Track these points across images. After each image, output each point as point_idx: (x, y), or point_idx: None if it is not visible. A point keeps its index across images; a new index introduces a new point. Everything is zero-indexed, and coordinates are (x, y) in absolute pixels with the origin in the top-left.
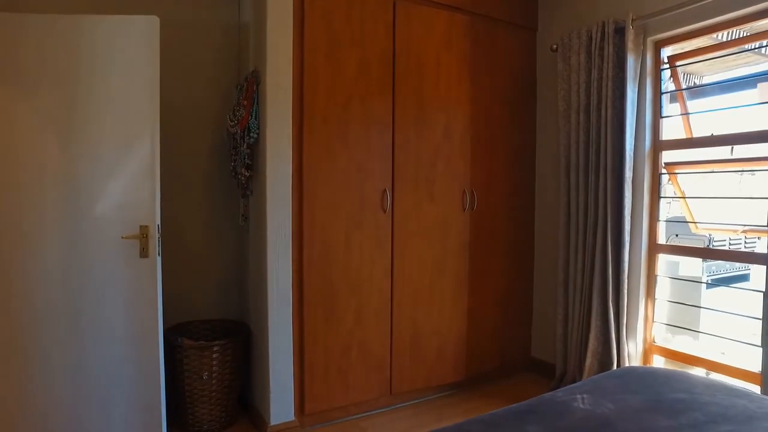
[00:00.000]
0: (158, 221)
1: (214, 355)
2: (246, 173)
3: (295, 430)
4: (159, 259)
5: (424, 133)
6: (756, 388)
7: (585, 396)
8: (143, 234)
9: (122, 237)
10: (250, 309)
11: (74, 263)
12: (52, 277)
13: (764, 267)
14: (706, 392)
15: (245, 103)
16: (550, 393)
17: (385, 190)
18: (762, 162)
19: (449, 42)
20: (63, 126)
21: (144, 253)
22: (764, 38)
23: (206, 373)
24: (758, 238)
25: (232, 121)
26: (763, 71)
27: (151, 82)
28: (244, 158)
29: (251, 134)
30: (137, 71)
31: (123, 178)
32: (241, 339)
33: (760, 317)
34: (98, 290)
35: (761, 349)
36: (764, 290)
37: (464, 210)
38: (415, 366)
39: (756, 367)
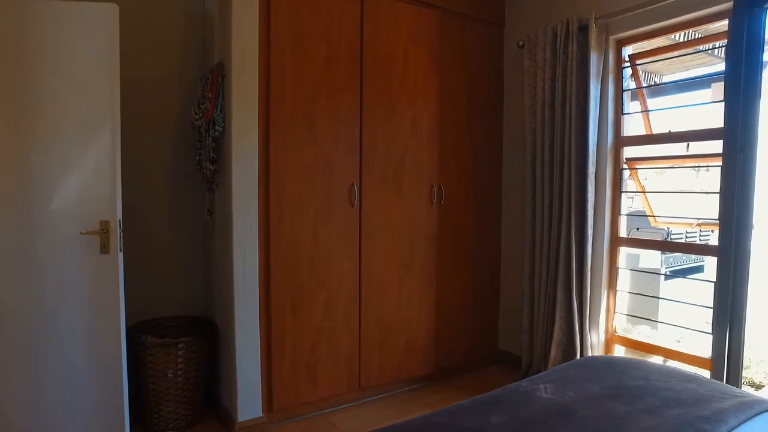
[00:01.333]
0: (119, 216)
1: (180, 353)
2: (211, 167)
3: (263, 426)
4: (121, 255)
5: (392, 128)
6: (707, 373)
7: (548, 385)
8: (104, 229)
9: (81, 233)
10: (216, 305)
11: (29, 260)
12: (4, 275)
13: (716, 258)
14: (660, 378)
15: (210, 95)
16: (514, 383)
17: (353, 184)
18: (714, 158)
19: (417, 37)
20: (12, 113)
21: (104, 249)
22: (716, 40)
23: (171, 371)
24: (712, 231)
25: (196, 114)
26: (715, 72)
27: (111, 72)
28: (210, 152)
29: (216, 127)
30: (95, 60)
31: (81, 171)
32: (208, 336)
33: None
34: (56, 288)
35: (712, 336)
36: (715, 280)
37: (432, 204)
38: (384, 360)
39: (707, 353)
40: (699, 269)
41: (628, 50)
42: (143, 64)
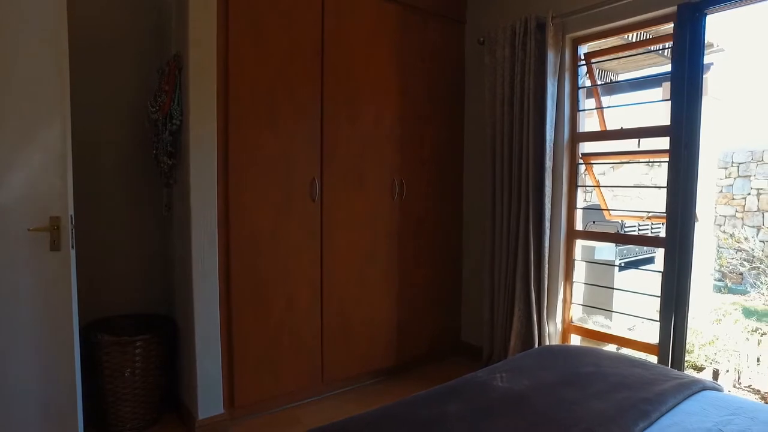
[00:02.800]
0: (71, 212)
1: (137, 351)
2: (169, 161)
3: (225, 423)
4: (73, 252)
5: (354, 122)
6: (655, 358)
7: (504, 374)
8: (54, 226)
9: (29, 229)
10: (175, 302)
11: None
12: None
13: (664, 250)
14: (611, 365)
15: (167, 88)
16: (472, 374)
17: (314, 178)
18: (663, 154)
19: (379, 32)
20: None
21: (55, 246)
22: (665, 41)
23: (129, 370)
24: (662, 223)
25: (153, 107)
26: (664, 72)
27: (59, 59)
28: (167, 146)
29: (174, 121)
30: (41, 47)
31: (28, 165)
32: (167, 333)
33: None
34: (1, 287)
35: (659, 323)
36: (662, 271)
37: (394, 198)
38: (347, 353)
39: (656, 340)
40: (651, 260)
41: (583, 49)
42: (97, 53)
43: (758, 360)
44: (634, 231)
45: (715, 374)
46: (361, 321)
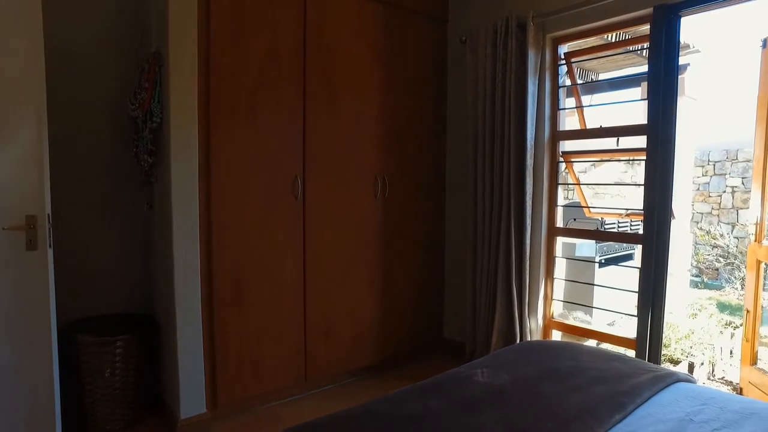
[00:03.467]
0: (48, 210)
1: (118, 351)
2: (149, 159)
3: (208, 422)
4: (50, 252)
5: (336, 120)
6: (632, 353)
7: (485, 370)
8: (30, 224)
9: (4, 228)
10: (157, 301)
11: None
12: None
13: (641, 246)
14: (589, 359)
15: (147, 85)
16: (453, 369)
17: (296, 176)
18: (641, 152)
19: (361, 30)
20: None
21: (32, 245)
22: (643, 42)
23: (109, 370)
24: (641, 220)
25: (132, 104)
26: (642, 72)
27: (34, 56)
28: (147, 144)
29: (154, 119)
30: (15, 44)
31: (2, 163)
32: (149, 332)
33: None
34: None
35: (637, 318)
36: (640, 267)
37: (376, 197)
38: (330, 351)
39: (634, 334)
40: (630, 257)
41: (563, 48)
42: (75, 50)
43: (731, 353)
44: (614, 228)
45: (691, 367)
46: (343, 319)
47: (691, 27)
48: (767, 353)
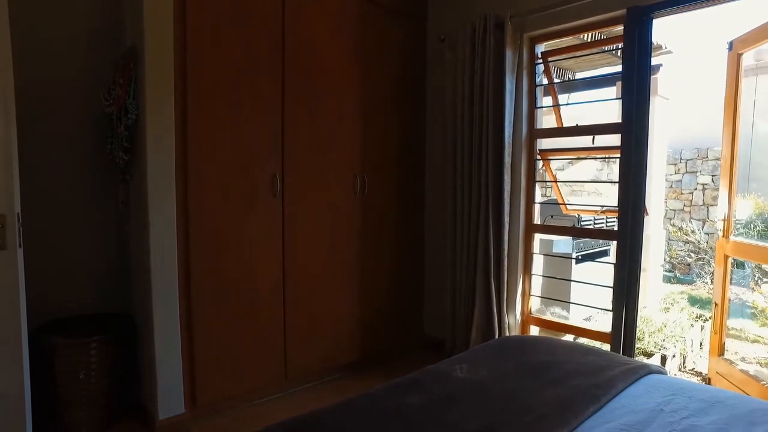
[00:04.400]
0: (18, 209)
1: (92, 352)
2: (124, 156)
3: (186, 422)
4: (20, 252)
5: (315, 118)
6: (608, 346)
7: (463, 365)
8: None
9: None
10: (134, 300)
11: None
12: None
13: (616, 242)
14: (565, 354)
15: (121, 81)
16: (433, 365)
17: (275, 174)
18: (615, 150)
19: (340, 27)
20: None
21: (0, 245)
22: (618, 42)
23: (83, 373)
24: (617, 217)
25: (107, 100)
26: (618, 72)
27: (0, 49)
28: (122, 140)
29: (129, 115)
30: None
31: None
32: (125, 333)
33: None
34: None
35: (612, 313)
36: (614, 262)
37: (355, 194)
38: (311, 349)
39: (609, 328)
40: (606, 253)
41: (540, 47)
42: (46, 44)
43: (701, 345)
44: (591, 225)
45: (663, 359)
46: (324, 317)
47: (664, 29)
48: (734, 345)
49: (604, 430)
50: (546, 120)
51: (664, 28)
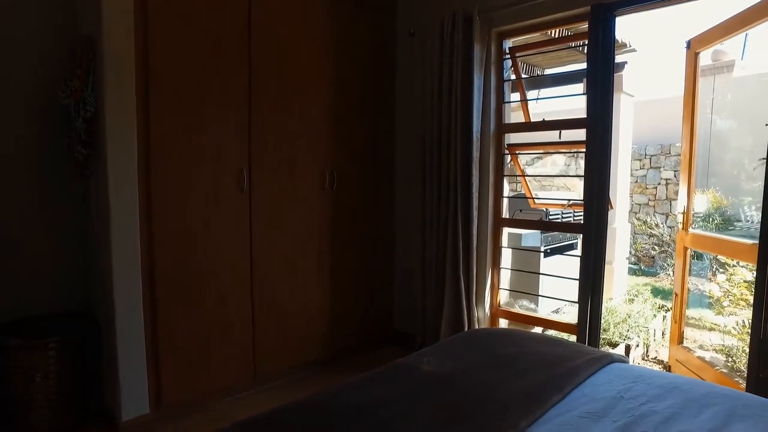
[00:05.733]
0: None
1: (51, 353)
2: (83, 151)
3: (151, 423)
4: None
5: (283, 112)
6: (575, 338)
7: (431, 359)
8: None
9: None
10: (96, 299)
11: None
12: None
13: (582, 235)
14: (531, 345)
15: (79, 72)
16: (399, 359)
17: (242, 169)
18: (581, 145)
19: (309, 20)
20: None
21: None
22: (583, 38)
23: (40, 375)
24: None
25: (63, 92)
26: (583, 68)
27: None
28: (80, 134)
29: (87, 108)
30: None
31: None
32: (87, 333)
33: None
34: None
35: (578, 305)
36: (581, 255)
37: (324, 189)
38: (280, 346)
39: (576, 320)
40: (574, 246)
41: (508, 43)
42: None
43: (663, 334)
44: (559, 219)
45: (627, 349)
46: (294, 313)
47: (628, 27)
48: (693, 333)
49: (567, 419)
50: (515, 116)
51: (628, 27)
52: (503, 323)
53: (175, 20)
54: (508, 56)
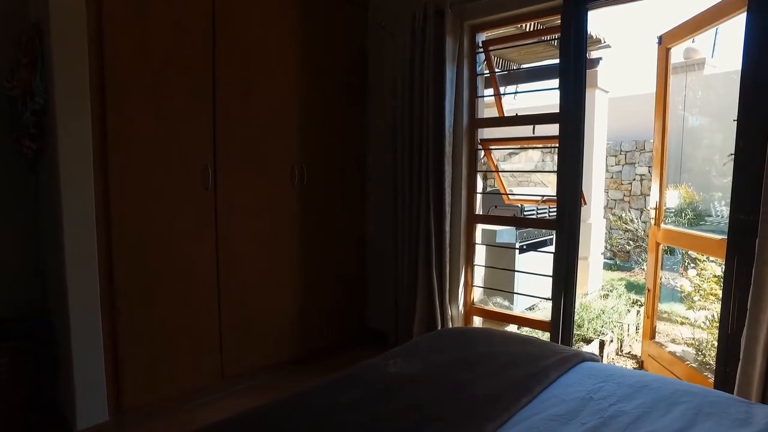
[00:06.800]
0: None
1: (2, 360)
2: (32, 145)
3: (110, 430)
4: None
5: (250, 106)
6: (548, 335)
7: (398, 360)
8: None
9: None
10: (51, 302)
11: None
12: None
13: (555, 231)
14: (502, 344)
15: (25, 61)
16: (368, 360)
17: (207, 165)
18: (554, 140)
19: (277, 11)
20: None
21: None
22: (557, 32)
23: None
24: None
25: (9, 82)
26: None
27: None
28: (29, 127)
29: (36, 99)
30: None
31: None
32: (42, 337)
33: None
34: None
35: (551, 302)
36: (554, 252)
37: (294, 185)
38: (249, 347)
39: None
40: (549, 242)
41: (481, 37)
42: None
43: (636, 329)
44: (534, 214)
45: (602, 345)
46: (263, 313)
47: (603, 23)
48: (665, 327)
49: (535, 422)
50: (490, 113)
51: (603, 23)
52: (477, 321)
53: (132, 5)
54: (481, 50)
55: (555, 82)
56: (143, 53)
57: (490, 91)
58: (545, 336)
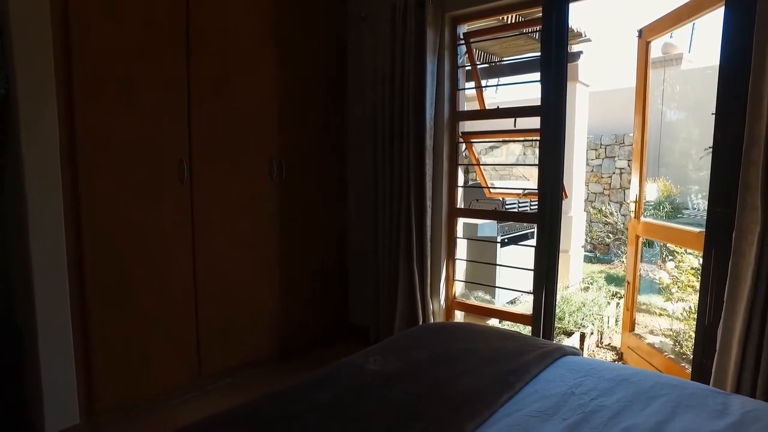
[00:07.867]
0: None
1: None
2: None
3: None
4: None
5: (226, 98)
6: (530, 328)
7: (377, 357)
8: None
9: None
10: (16, 302)
11: None
12: None
13: (536, 225)
14: (483, 340)
15: None
16: (347, 358)
17: (182, 159)
18: (535, 133)
19: (253, 1)
20: None
21: None
22: (537, 24)
23: None
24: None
25: None
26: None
27: None
28: None
29: None
30: None
31: None
32: (7, 339)
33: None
34: None
35: (533, 295)
36: (535, 245)
37: (272, 179)
38: (228, 345)
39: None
40: (531, 236)
41: (463, 29)
42: None
43: (616, 321)
44: (515, 208)
45: (582, 337)
46: (241, 309)
47: (584, 17)
48: (644, 319)
49: (516, 419)
50: (471, 106)
51: (584, 16)
52: (459, 315)
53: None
54: (463, 42)
55: (536, 76)
56: (114, 42)
57: (471, 84)
58: (527, 330)
